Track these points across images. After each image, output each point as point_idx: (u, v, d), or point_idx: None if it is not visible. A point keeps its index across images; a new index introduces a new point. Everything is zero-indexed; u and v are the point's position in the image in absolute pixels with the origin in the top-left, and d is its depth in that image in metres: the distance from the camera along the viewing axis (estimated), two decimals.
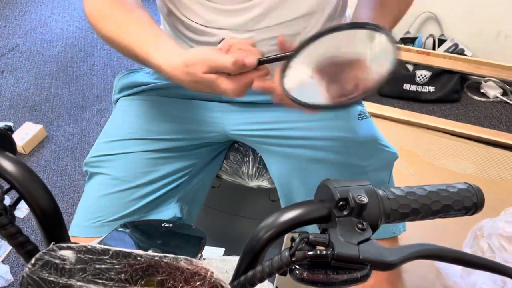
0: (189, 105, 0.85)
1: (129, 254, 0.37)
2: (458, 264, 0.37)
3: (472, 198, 0.39)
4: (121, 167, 0.78)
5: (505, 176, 1.64)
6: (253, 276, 0.37)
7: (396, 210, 0.38)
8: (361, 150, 0.78)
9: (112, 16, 0.69)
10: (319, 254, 0.34)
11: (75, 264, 0.38)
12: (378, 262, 0.34)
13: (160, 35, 0.65)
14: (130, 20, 0.67)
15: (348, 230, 0.36)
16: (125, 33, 0.66)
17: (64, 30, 2.56)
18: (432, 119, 1.84)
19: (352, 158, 0.77)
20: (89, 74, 2.27)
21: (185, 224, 0.51)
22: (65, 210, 1.67)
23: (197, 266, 0.36)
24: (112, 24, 0.68)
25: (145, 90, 0.86)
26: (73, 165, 1.84)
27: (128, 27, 0.67)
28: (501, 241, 1.28)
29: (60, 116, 2.05)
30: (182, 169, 0.83)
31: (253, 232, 0.40)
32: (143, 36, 0.65)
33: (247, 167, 0.92)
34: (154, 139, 0.81)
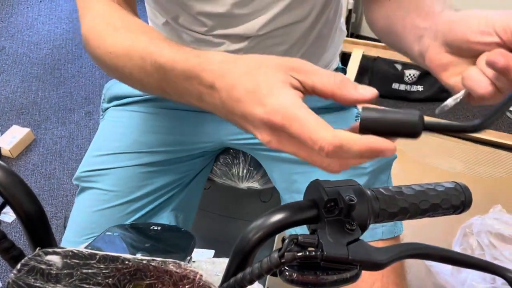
0: (182, 116, 0.83)
1: (116, 258, 0.36)
2: (446, 263, 0.37)
3: (459, 197, 0.39)
4: (114, 182, 0.77)
5: (493, 174, 1.66)
6: (243, 278, 0.37)
7: (384, 209, 0.38)
8: None
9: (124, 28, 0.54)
10: (308, 255, 0.34)
11: (61, 269, 0.37)
12: (367, 262, 0.34)
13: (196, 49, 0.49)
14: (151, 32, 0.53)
15: (337, 231, 0.36)
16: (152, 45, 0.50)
17: (51, 32, 2.54)
18: None
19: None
20: (77, 76, 2.25)
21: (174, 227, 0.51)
22: (53, 214, 1.65)
23: (186, 269, 0.36)
24: (126, 37, 0.52)
25: (137, 101, 0.84)
26: (61, 168, 1.82)
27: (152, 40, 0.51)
28: (490, 238, 1.29)
29: (48, 119, 2.03)
30: (177, 180, 0.82)
31: (242, 234, 0.39)
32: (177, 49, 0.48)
33: (238, 169, 0.92)
34: (147, 152, 0.80)
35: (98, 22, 0.56)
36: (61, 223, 1.61)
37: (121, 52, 0.52)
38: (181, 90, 0.46)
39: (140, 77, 0.51)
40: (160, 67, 0.47)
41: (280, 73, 0.38)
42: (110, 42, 0.53)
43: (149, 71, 0.49)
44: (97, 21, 0.57)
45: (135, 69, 0.50)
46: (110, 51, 0.53)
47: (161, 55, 0.47)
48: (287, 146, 0.37)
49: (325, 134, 0.34)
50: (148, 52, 0.48)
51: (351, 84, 0.38)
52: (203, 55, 0.43)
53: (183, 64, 0.44)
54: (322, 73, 0.38)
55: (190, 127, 0.83)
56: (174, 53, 0.46)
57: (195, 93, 0.44)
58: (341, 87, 0.37)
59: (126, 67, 0.52)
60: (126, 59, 0.51)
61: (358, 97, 0.37)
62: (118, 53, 0.52)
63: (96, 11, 0.58)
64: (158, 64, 0.47)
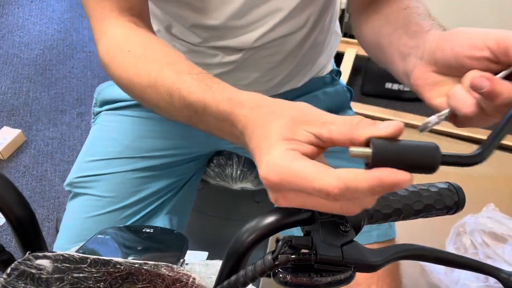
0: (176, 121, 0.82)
1: (108, 262, 0.36)
2: (440, 263, 0.37)
3: (453, 197, 0.39)
4: (108, 187, 0.76)
5: (485, 173, 1.67)
6: (236, 281, 0.37)
7: (378, 210, 0.38)
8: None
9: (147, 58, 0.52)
10: (302, 257, 0.34)
11: (52, 274, 0.37)
12: (361, 263, 0.34)
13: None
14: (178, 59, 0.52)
15: (331, 232, 0.35)
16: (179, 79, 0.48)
17: (42, 32, 2.52)
18: (414, 117, 1.86)
19: (347, 162, 0.77)
20: (69, 77, 2.23)
21: (166, 229, 0.50)
22: (45, 216, 1.64)
23: (179, 272, 0.35)
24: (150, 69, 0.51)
25: (129, 106, 0.83)
26: (53, 170, 1.80)
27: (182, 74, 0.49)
28: (483, 237, 1.30)
29: (39, 120, 2.01)
30: (171, 184, 0.82)
31: (235, 236, 0.39)
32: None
33: (231, 170, 0.91)
34: (141, 157, 0.79)
35: (119, 52, 0.54)
36: (53, 225, 1.59)
37: (146, 84, 0.50)
38: (214, 128, 0.46)
39: (168, 110, 0.50)
40: (190, 105, 0.46)
41: (288, 129, 0.35)
42: (133, 73, 0.52)
43: (177, 107, 0.48)
44: (116, 50, 0.55)
45: (162, 103, 0.50)
46: (135, 82, 0.52)
47: (190, 93, 0.46)
48: (295, 201, 0.34)
49: (328, 180, 0.31)
50: (176, 88, 0.47)
51: (369, 122, 0.34)
52: (235, 97, 0.42)
53: (215, 108, 0.43)
54: (338, 122, 0.35)
55: (183, 132, 0.82)
56: (203, 92, 0.45)
57: (229, 134, 0.43)
58: (359, 129, 0.33)
59: (152, 100, 0.51)
60: (152, 92, 0.50)
61: (378, 133, 0.33)
62: (143, 85, 0.51)
63: (112, 36, 0.56)
64: (187, 102, 0.46)
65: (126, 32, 0.56)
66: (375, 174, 0.31)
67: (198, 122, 0.47)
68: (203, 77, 0.47)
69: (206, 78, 0.47)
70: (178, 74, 0.48)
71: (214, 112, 0.43)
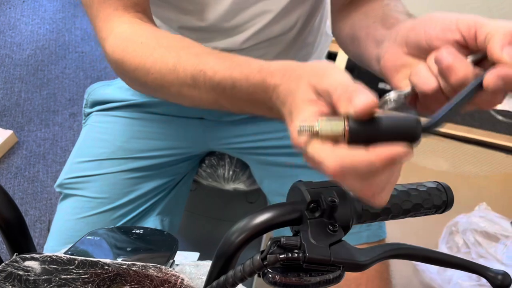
0: (168, 122, 0.82)
1: (95, 263, 0.36)
2: (429, 263, 0.38)
3: (441, 196, 0.40)
4: (99, 188, 0.76)
5: (478, 172, 1.68)
6: (225, 281, 0.37)
7: (367, 210, 0.38)
8: None
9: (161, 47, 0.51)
10: (290, 257, 0.34)
11: (39, 275, 0.37)
12: (350, 263, 0.34)
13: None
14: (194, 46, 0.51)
15: (319, 232, 0.35)
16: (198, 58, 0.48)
17: (34, 32, 2.50)
18: None
19: None
20: (61, 78, 2.22)
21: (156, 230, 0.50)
22: (37, 217, 1.63)
23: (167, 273, 0.35)
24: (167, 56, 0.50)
25: (120, 106, 0.83)
26: (45, 171, 1.79)
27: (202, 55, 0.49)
28: (475, 236, 1.31)
29: (31, 121, 2.00)
30: (163, 185, 0.82)
31: (225, 236, 0.39)
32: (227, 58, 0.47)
33: (223, 171, 0.91)
34: (132, 158, 0.78)
35: (131, 44, 0.53)
36: (45, 226, 1.58)
37: (166, 72, 0.49)
38: (244, 104, 0.45)
39: (191, 96, 0.49)
40: (217, 85, 0.45)
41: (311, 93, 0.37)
42: (150, 63, 0.51)
43: (203, 89, 0.47)
44: (127, 43, 0.54)
45: (185, 89, 0.49)
46: (152, 72, 0.51)
47: (215, 73, 0.45)
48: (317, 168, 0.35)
49: (329, 161, 0.32)
50: (199, 70, 0.47)
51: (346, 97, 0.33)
52: (265, 68, 0.42)
53: (245, 82, 0.43)
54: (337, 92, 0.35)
55: (175, 132, 0.82)
56: (230, 69, 0.44)
57: (261, 106, 0.43)
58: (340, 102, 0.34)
59: (174, 87, 0.50)
60: (173, 79, 0.49)
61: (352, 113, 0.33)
62: (163, 73, 0.50)
63: (120, 32, 0.55)
64: (214, 82, 0.45)
65: (134, 27, 0.55)
66: (371, 150, 0.31)
67: (226, 101, 0.47)
68: (224, 55, 0.46)
69: (228, 55, 0.46)
70: (198, 56, 0.48)
71: (244, 86, 0.43)
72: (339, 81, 0.35)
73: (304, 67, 0.39)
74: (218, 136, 0.83)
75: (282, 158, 0.80)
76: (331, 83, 0.35)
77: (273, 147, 0.80)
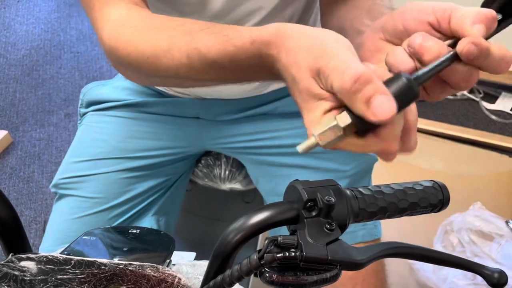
0: (163, 122, 0.82)
1: (92, 263, 0.35)
2: (425, 261, 0.38)
3: (437, 195, 0.40)
4: (95, 188, 0.76)
5: (472, 172, 1.68)
6: (222, 281, 0.37)
7: (364, 209, 0.38)
8: (342, 155, 0.78)
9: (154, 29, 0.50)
10: (287, 256, 0.34)
11: (35, 276, 0.36)
12: (347, 262, 0.34)
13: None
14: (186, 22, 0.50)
15: (316, 231, 0.35)
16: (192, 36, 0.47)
17: (29, 32, 2.49)
18: None
19: (333, 163, 0.77)
20: (56, 78, 2.21)
21: (153, 230, 0.50)
22: (32, 218, 1.62)
23: (164, 273, 0.35)
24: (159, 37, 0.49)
25: (116, 106, 0.82)
26: (40, 171, 1.78)
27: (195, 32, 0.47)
28: (470, 235, 1.31)
29: (26, 121, 1.99)
30: (159, 185, 0.81)
31: (221, 236, 0.39)
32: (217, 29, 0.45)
33: (220, 170, 0.91)
34: (128, 158, 0.78)
35: (122, 29, 0.52)
36: (41, 227, 1.57)
37: (160, 54, 0.48)
38: (249, 75, 0.45)
39: (190, 75, 0.48)
40: (214, 62, 0.44)
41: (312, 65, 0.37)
42: (143, 47, 0.50)
43: (200, 68, 0.46)
44: (120, 28, 0.53)
45: (182, 69, 0.48)
46: (148, 56, 0.49)
47: (208, 50, 0.44)
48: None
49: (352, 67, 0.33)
50: (193, 49, 0.45)
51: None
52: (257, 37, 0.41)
53: (242, 56, 0.42)
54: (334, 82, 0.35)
55: (171, 132, 0.82)
56: (223, 44, 0.43)
57: (267, 74, 0.42)
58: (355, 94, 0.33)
59: (170, 69, 0.49)
60: (168, 60, 0.48)
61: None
62: (158, 56, 0.48)
63: (115, 19, 0.54)
64: (211, 60, 0.44)
65: (127, 12, 0.54)
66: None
67: (228, 76, 0.46)
68: (215, 29, 0.45)
69: (219, 28, 0.45)
70: (190, 34, 0.47)
71: (242, 58, 0.42)
72: (345, 70, 0.34)
73: (299, 44, 0.38)
74: (213, 136, 0.83)
75: (278, 158, 0.80)
76: (337, 77, 0.34)
77: (269, 147, 0.80)
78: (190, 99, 0.81)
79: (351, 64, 0.34)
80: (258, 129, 0.81)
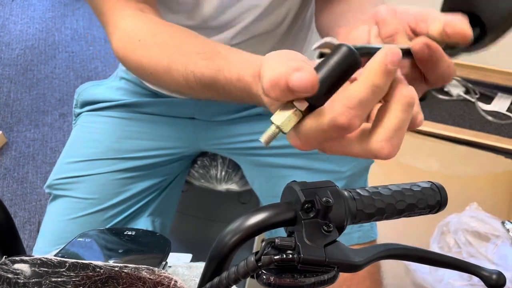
0: (158, 122, 0.82)
1: (87, 266, 0.35)
2: (423, 263, 0.37)
3: (435, 196, 0.39)
4: (90, 189, 0.75)
5: (468, 172, 1.69)
6: (219, 283, 0.36)
7: (361, 210, 0.38)
8: (339, 156, 0.78)
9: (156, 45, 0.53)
10: (285, 258, 0.34)
11: (29, 278, 0.36)
12: (345, 264, 0.34)
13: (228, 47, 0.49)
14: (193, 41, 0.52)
15: (314, 233, 0.35)
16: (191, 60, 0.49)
17: (23, 32, 2.47)
18: None
19: (329, 164, 0.77)
20: (51, 77, 2.20)
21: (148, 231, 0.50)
22: (27, 219, 1.61)
23: (160, 275, 0.35)
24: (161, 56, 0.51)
25: (110, 107, 0.82)
26: (34, 172, 1.77)
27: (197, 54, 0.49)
28: (466, 236, 1.31)
29: (20, 121, 1.97)
30: (154, 185, 0.81)
31: (218, 238, 0.39)
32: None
33: (216, 171, 0.91)
34: (123, 158, 0.78)
35: (129, 43, 0.55)
36: (35, 228, 1.56)
37: (162, 72, 0.51)
38: (242, 100, 0.46)
39: (190, 93, 0.52)
40: (208, 86, 0.47)
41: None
42: (147, 63, 0.53)
43: (197, 89, 0.49)
44: (126, 41, 0.55)
45: (182, 88, 0.51)
46: (151, 72, 0.53)
47: (202, 75, 0.47)
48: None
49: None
50: (190, 72, 0.48)
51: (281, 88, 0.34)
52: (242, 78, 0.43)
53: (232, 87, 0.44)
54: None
55: (166, 132, 0.81)
56: (215, 72, 0.45)
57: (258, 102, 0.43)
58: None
59: (171, 86, 0.52)
60: (168, 79, 0.51)
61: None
62: (160, 73, 0.52)
63: (123, 28, 0.56)
64: (205, 84, 0.47)
65: (135, 22, 0.56)
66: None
67: (224, 97, 0.48)
68: (210, 55, 0.47)
69: (214, 54, 0.47)
70: (187, 57, 0.49)
71: (233, 90, 0.45)
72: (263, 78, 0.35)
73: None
74: (209, 136, 0.83)
75: (274, 159, 0.79)
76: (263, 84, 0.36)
77: (264, 148, 0.80)
78: (186, 100, 0.81)
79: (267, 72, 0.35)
80: (254, 129, 0.80)
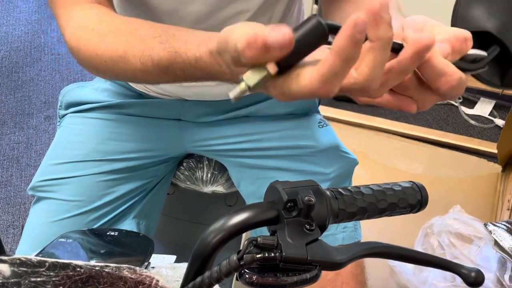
0: (143, 123, 0.81)
1: (67, 265, 0.35)
2: (405, 261, 0.38)
3: (416, 196, 0.40)
4: (74, 191, 0.74)
5: (452, 175, 1.71)
6: (201, 283, 0.36)
7: (343, 209, 0.38)
8: (323, 158, 0.78)
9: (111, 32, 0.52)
10: (267, 257, 0.34)
11: (8, 278, 0.35)
12: (326, 262, 0.34)
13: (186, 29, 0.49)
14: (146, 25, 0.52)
15: (296, 231, 0.35)
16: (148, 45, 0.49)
17: (8, 34, 2.44)
18: (383, 121, 1.90)
19: (315, 166, 0.78)
20: (36, 80, 2.18)
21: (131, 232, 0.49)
22: (10, 222, 1.58)
23: (141, 274, 0.34)
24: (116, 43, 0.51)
25: (95, 108, 0.81)
26: (18, 175, 1.75)
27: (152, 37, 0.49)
28: (450, 238, 1.33)
29: (5, 124, 1.95)
30: (139, 187, 0.80)
31: (201, 237, 0.39)
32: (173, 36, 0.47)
33: (202, 173, 0.90)
34: (108, 160, 0.77)
35: (83, 32, 0.54)
36: (19, 232, 1.54)
37: (117, 58, 0.51)
38: (204, 78, 0.46)
39: (146, 78, 0.51)
40: (167, 69, 0.47)
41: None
42: (102, 51, 0.52)
43: (155, 73, 0.48)
44: (81, 31, 0.54)
45: (138, 73, 0.50)
46: (105, 60, 0.52)
47: (160, 59, 0.46)
48: None
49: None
50: (147, 56, 0.48)
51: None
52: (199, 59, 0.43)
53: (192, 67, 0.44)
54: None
55: (151, 134, 0.81)
56: (173, 55, 0.45)
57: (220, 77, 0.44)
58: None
59: (127, 72, 0.51)
60: (125, 64, 0.50)
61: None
62: (114, 60, 0.51)
63: (77, 20, 0.55)
64: (163, 67, 0.47)
65: (89, 12, 0.56)
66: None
67: (183, 80, 0.48)
68: (166, 38, 0.47)
69: (170, 37, 0.47)
70: (144, 41, 0.49)
71: (192, 70, 0.44)
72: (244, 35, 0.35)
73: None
74: (195, 138, 0.83)
75: (260, 161, 0.79)
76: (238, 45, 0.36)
77: (250, 149, 0.80)
78: (171, 100, 0.80)
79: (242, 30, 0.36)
80: (240, 131, 0.81)
